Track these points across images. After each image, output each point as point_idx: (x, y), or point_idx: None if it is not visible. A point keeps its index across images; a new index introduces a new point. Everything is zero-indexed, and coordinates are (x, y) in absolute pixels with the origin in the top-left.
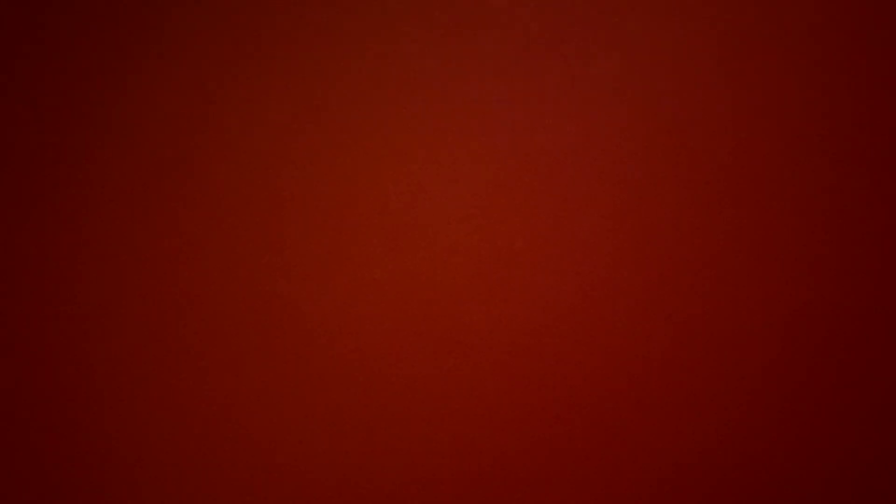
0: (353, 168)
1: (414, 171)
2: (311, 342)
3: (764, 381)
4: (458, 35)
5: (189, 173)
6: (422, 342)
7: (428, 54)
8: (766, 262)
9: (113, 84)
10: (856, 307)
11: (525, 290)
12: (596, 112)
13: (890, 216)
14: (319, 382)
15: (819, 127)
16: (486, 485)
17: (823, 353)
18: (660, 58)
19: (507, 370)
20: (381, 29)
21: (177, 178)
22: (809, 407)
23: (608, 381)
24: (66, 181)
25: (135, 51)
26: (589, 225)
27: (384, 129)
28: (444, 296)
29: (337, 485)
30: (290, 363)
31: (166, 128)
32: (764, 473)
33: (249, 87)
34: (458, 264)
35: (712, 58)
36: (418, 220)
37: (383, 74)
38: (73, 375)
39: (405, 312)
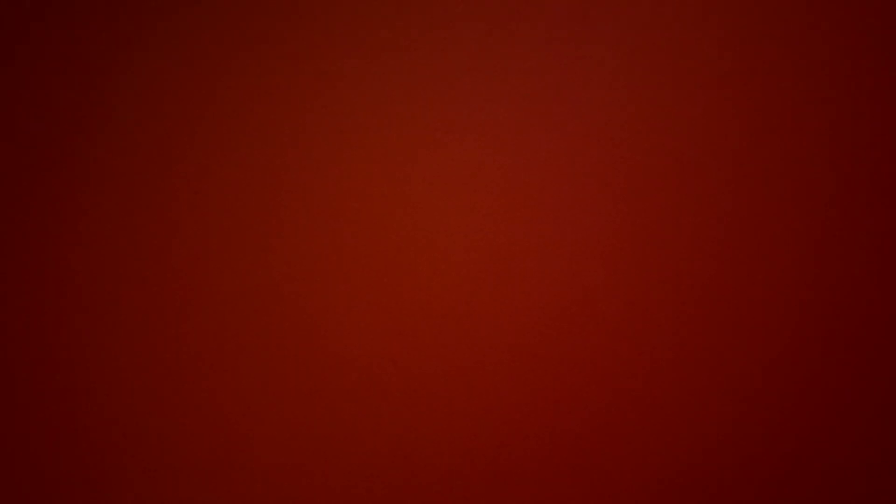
0: (352, 168)
1: (413, 172)
2: (311, 341)
3: (764, 381)
4: (458, 35)
5: (188, 173)
6: (422, 342)
7: (428, 54)
8: (767, 262)
9: (112, 84)
10: (856, 307)
11: (525, 290)
12: (596, 112)
13: (890, 216)
14: (319, 382)
15: (820, 127)
16: (485, 484)
17: (823, 352)
18: (660, 58)
19: (507, 370)
20: (381, 29)
21: (175, 178)
22: (809, 407)
23: (609, 380)
24: (65, 181)
25: (134, 50)
26: (590, 224)
27: (383, 130)
28: (444, 295)
29: (337, 485)
30: (289, 362)
31: (165, 127)
32: (764, 473)
33: (249, 87)
34: (458, 264)
35: (713, 58)
36: (418, 219)
37: (383, 74)
38: (73, 375)
39: (405, 312)
